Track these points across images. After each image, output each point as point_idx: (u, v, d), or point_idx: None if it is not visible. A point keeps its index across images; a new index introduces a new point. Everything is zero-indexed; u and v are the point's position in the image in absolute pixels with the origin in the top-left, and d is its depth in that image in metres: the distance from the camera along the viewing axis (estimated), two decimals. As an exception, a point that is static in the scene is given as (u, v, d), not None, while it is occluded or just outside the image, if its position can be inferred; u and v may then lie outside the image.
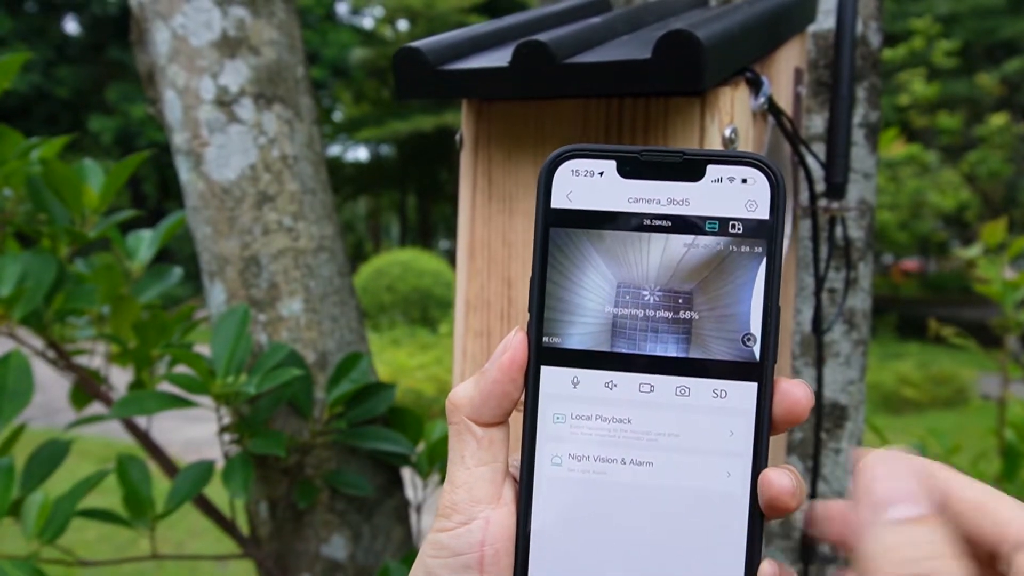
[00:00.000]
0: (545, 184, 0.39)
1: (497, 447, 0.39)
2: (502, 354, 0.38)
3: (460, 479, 0.39)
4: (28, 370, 0.98)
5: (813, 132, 0.86)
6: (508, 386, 0.39)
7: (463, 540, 0.38)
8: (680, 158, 0.38)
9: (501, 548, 0.38)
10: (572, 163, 0.39)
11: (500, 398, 0.39)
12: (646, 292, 0.38)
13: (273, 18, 1.11)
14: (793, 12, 0.72)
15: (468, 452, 0.39)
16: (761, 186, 0.38)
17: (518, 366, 0.38)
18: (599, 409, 0.39)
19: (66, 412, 2.81)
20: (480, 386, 0.39)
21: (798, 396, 0.37)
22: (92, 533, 3.60)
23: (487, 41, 0.68)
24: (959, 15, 11.84)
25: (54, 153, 1.09)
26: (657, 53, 0.54)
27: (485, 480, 0.39)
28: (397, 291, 8.69)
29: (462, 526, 0.38)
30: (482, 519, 0.38)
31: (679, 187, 0.38)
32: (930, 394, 6.77)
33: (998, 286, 1.69)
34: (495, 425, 0.39)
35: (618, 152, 0.38)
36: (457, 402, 0.40)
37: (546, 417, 0.39)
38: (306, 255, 1.10)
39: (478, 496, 0.38)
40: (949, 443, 1.77)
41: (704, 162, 0.38)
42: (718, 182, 0.38)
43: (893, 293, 15.50)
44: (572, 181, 0.39)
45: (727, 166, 0.38)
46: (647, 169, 0.38)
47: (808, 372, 0.87)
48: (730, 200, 0.38)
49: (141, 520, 1.02)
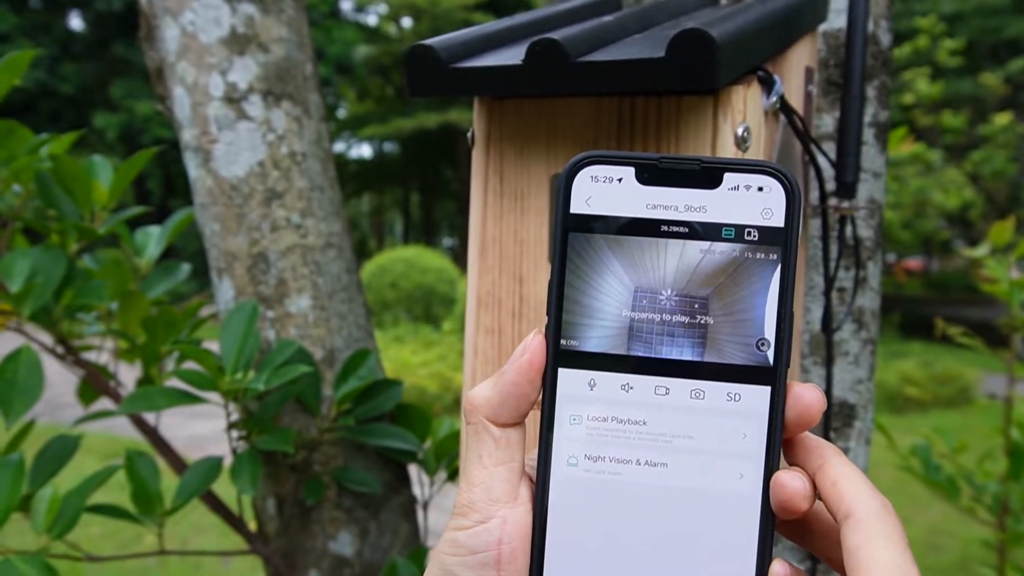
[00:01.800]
0: (565, 189, 0.39)
1: (514, 447, 0.40)
2: (521, 356, 0.39)
3: (478, 478, 0.39)
4: (38, 366, 0.98)
5: (824, 131, 0.86)
6: (526, 387, 0.39)
7: (481, 538, 0.38)
8: (698, 166, 0.38)
9: (518, 546, 0.39)
10: (591, 169, 0.39)
11: (518, 399, 0.39)
12: (663, 297, 0.39)
13: (282, 15, 1.11)
14: (804, 11, 0.72)
15: (486, 451, 0.39)
16: (777, 194, 0.38)
17: (536, 368, 0.39)
18: (615, 411, 0.39)
19: (71, 408, 2.80)
20: (498, 387, 0.40)
21: (810, 400, 0.38)
22: (97, 529, 3.61)
23: (499, 39, 0.68)
24: (964, 14, 11.81)
25: (63, 149, 1.09)
26: (671, 52, 0.54)
27: (502, 479, 0.39)
28: (400, 288, 8.70)
29: (479, 524, 0.39)
30: (499, 518, 0.39)
31: (696, 194, 0.39)
32: (933, 393, 6.76)
33: (1005, 286, 1.69)
34: (512, 425, 0.40)
35: (637, 159, 0.39)
36: (475, 402, 0.40)
37: (563, 418, 0.39)
38: (314, 252, 1.10)
39: (495, 495, 0.39)
40: (955, 442, 1.77)
41: (721, 170, 0.38)
42: (735, 190, 0.38)
43: (896, 292, 15.48)
44: (591, 186, 0.39)
45: (744, 174, 0.38)
46: (665, 176, 0.39)
47: (817, 371, 0.87)
48: (746, 207, 0.38)
49: (149, 516, 1.02)
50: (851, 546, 0.36)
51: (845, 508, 0.37)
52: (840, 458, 0.39)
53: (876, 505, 0.36)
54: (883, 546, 0.35)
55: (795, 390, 0.38)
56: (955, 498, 1.69)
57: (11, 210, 1.08)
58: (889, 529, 0.36)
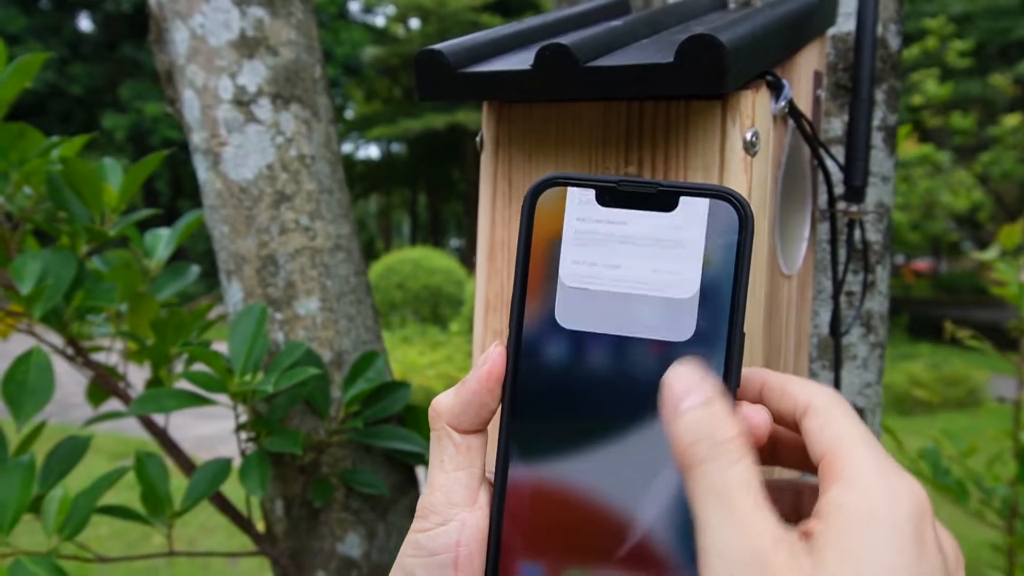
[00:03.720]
0: (529, 208, 0.41)
1: (474, 453, 0.41)
2: (481, 366, 0.40)
3: (438, 482, 0.41)
4: (49, 367, 0.99)
5: (832, 135, 0.86)
6: (486, 396, 0.40)
7: (439, 541, 0.40)
8: (655, 189, 0.40)
9: (475, 549, 0.40)
10: (554, 190, 0.41)
11: (478, 408, 0.40)
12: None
13: (291, 18, 1.12)
14: (813, 15, 0.72)
15: (447, 456, 0.41)
16: (730, 218, 0.39)
17: (495, 378, 0.40)
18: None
19: (79, 408, 2.81)
20: (460, 395, 0.41)
21: (756, 423, 0.38)
22: (104, 529, 3.62)
23: (508, 43, 0.68)
24: (973, 15, 11.77)
25: (74, 152, 1.09)
26: (680, 57, 0.54)
27: (462, 484, 0.40)
28: (408, 289, 8.71)
29: (439, 527, 0.40)
30: (458, 521, 0.40)
31: (653, 216, 0.40)
32: (941, 395, 6.74)
33: (1014, 289, 1.69)
34: (473, 432, 0.41)
35: (598, 181, 0.41)
36: (439, 409, 0.41)
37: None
38: (323, 254, 1.11)
39: (455, 499, 0.40)
40: (964, 445, 1.77)
41: (677, 194, 0.40)
42: (690, 213, 0.40)
43: (905, 293, 15.43)
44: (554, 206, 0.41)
45: (699, 198, 0.39)
46: (624, 198, 0.40)
47: (826, 375, 0.87)
48: (700, 230, 0.39)
49: (159, 517, 1.03)
50: (814, 428, 0.37)
51: (802, 403, 0.38)
52: (775, 372, 0.41)
53: (830, 393, 0.38)
54: (848, 423, 0.36)
55: (744, 411, 0.39)
56: (964, 501, 1.69)
57: (22, 212, 1.08)
58: (848, 409, 0.37)
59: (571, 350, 0.40)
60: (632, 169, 0.62)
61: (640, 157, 0.62)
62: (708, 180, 0.60)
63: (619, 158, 0.63)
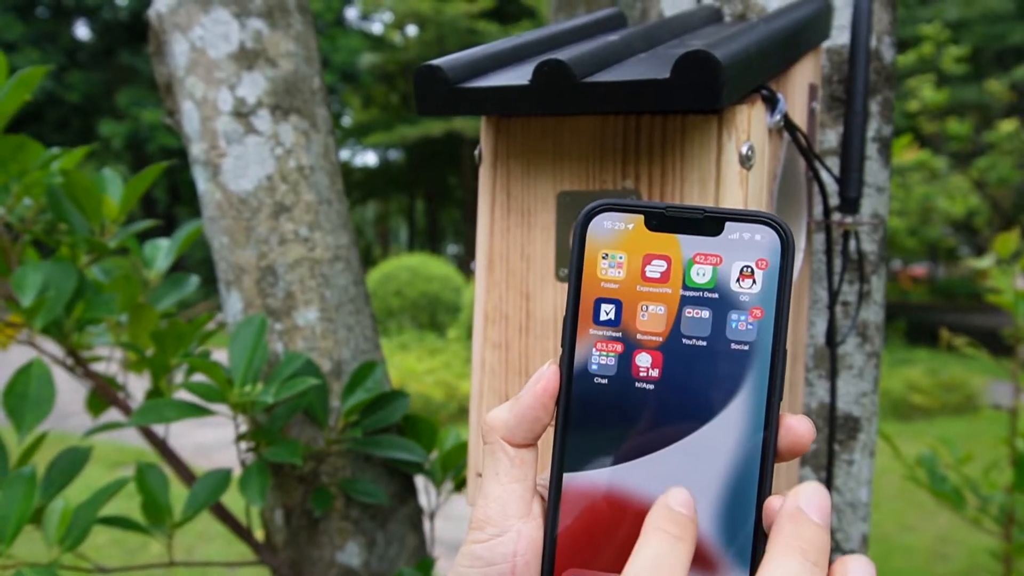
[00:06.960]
0: (580, 233, 0.42)
1: (527, 466, 0.42)
2: (536, 383, 0.42)
3: (494, 494, 0.42)
4: (50, 378, 0.99)
5: (827, 146, 0.87)
6: (539, 412, 0.42)
7: (497, 551, 0.41)
8: (701, 215, 0.41)
9: (531, 559, 0.41)
10: (604, 216, 0.42)
11: (532, 422, 0.42)
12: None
13: (290, 30, 1.12)
14: (808, 29, 0.73)
15: (502, 469, 0.42)
16: (772, 243, 0.40)
17: (549, 394, 0.42)
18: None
19: (78, 417, 2.81)
20: (514, 411, 0.42)
21: (801, 432, 0.40)
22: (103, 537, 3.62)
23: (506, 58, 0.69)
24: (968, 21, 11.81)
25: (74, 164, 1.10)
26: (676, 73, 0.55)
27: (516, 496, 0.42)
28: (406, 296, 8.71)
29: (495, 538, 0.41)
30: (514, 531, 0.41)
31: (699, 240, 0.41)
32: (939, 401, 6.74)
33: (1010, 296, 1.69)
34: (526, 446, 0.43)
35: (646, 207, 0.42)
36: (493, 424, 0.43)
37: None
38: (322, 265, 1.11)
39: (510, 510, 0.41)
40: (960, 452, 1.77)
41: (723, 219, 0.41)
42: (735, 237, 0.41)
43: (902, 299, 15.45)
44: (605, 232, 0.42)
45: (743, 223, 0.41)
46: (671, 223, 0.41)
47: (822, 384, 0.88)
48: (745, 254, 0.41)
49: (159, 528, 1.03)
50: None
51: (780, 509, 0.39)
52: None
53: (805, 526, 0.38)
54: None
55: (787, 421, 0.40)
56: (961, 508, 1.70)
57: (22, 223, 1.09)
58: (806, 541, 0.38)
59: (621, 365, 0.41)
60: (629, 183, 0.63)
61: (637, 171, 0.63)
62: (704, 193, 0.60)
63: (616, 171, 0.63)
